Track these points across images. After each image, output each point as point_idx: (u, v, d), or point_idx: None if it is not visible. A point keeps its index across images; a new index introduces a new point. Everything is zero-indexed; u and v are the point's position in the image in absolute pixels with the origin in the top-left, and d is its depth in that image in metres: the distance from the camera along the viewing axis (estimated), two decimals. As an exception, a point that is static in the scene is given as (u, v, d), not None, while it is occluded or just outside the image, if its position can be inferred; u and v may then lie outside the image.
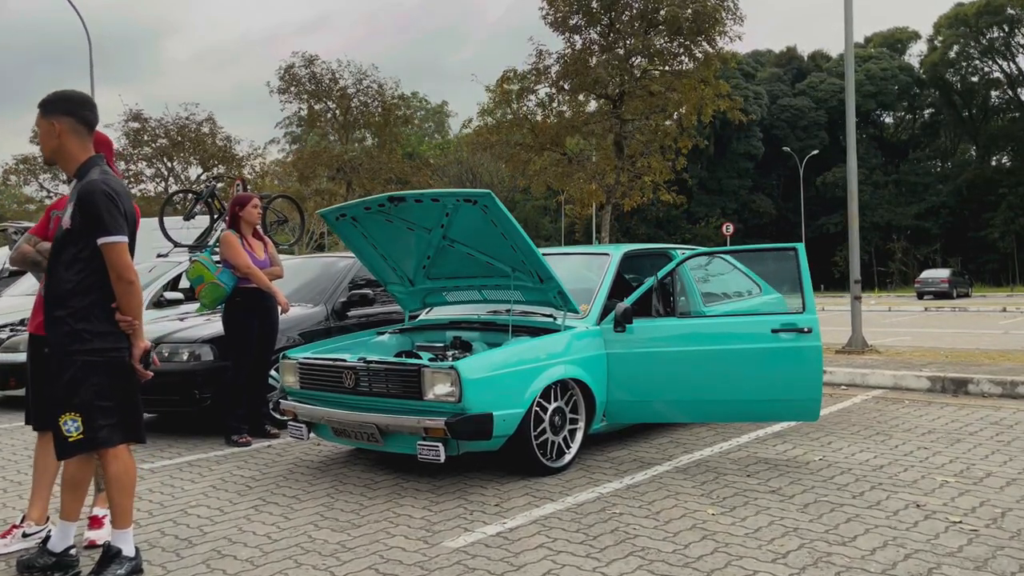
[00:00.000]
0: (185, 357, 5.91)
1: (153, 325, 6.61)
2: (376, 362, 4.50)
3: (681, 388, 4.82)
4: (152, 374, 3.20)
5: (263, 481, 4.65)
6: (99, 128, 3.31)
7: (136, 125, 25.27)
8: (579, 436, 4.76)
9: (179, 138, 25.27)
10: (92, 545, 3.51)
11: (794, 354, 4.72)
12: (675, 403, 4.88)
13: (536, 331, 4.87)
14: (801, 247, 4.93)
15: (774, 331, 4.76)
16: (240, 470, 4.93)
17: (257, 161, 27.54)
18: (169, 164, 25.11)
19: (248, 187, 9.89)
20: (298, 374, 4.89)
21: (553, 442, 4.61)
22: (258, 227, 6.00)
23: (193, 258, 5.81)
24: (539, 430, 4.52)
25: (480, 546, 3.44)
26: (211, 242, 8.41)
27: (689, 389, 4.82)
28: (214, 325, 6.03)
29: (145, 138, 25.39)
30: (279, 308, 5.75)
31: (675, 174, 17.58)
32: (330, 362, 4.70)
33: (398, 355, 4.93)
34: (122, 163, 25.47)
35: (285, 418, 5.02)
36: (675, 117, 17.12)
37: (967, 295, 37.20)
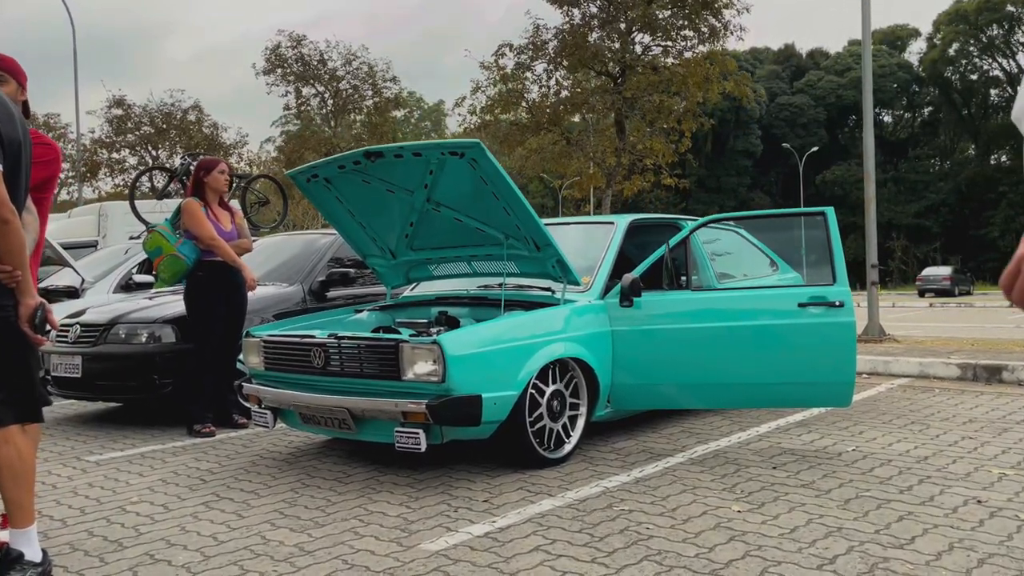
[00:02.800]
0: (144, 339, 5.33)
1: (112, 304, 6.05)
2: (348, 338, 3.93)
3: (695, 370, 4.26)
4: (47, 340, 2.62)
5: (220, 475, 4.08)
6: (81, 115, 2.72)
7: (119, 112, 24.58)
8: (581, 423, 4.20)
9: (163, 126, 24.56)
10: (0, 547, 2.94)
11: (824, 331, 4.17)
12: (688, 387, 4.32)
13: (532, 306, 4.31)
14: (831, 211, 4.38)
15: (801, 305, 4.21)
16: (197, 462, 4.36)
17: (245, 150, 26.83)
18: (153, 152, 24.42)
19: (242, 181, 9.32)
20: (262, 354, 4.32)
21: (551, 430, 4.05)
22: (236, 204, 5.43)
23: (151, 227, 5.23)
24: (535, 416, 3.96)
25: (464, 548, 2.88)
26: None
27: (704, 371, 4.26)
28: (177, 304, 5.45)
29: (128, 125, 24.67)
30: (247, 285, 5.18)
31: (678, 156, 16.94)
32: (297, 339, 4.14)
33: (375, 331, 4.36)
34: (104, 151, 24.80)
35: (250, 404, 4.45)
36: (680, 100, 16.36)
37: (969, 293, 36.76)
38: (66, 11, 21.15)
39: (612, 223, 4.96)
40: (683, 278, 4.84)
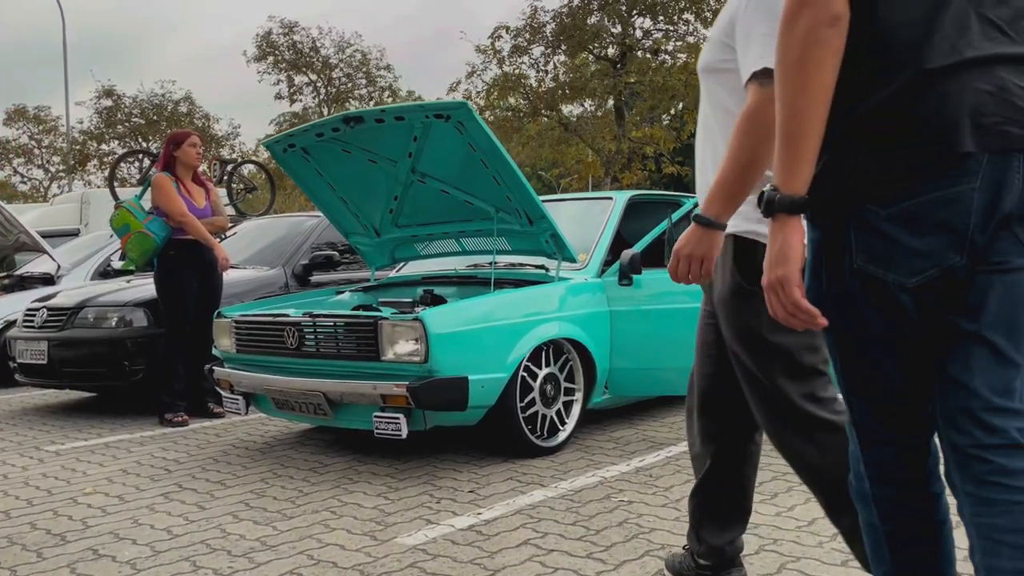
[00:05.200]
0: (113, 323, 5.03)
1: (83, 288, 5.75)
2: (324, 316, 3.63)
3: (700, 353, 3.95)
4: None
5: (187, 464, 3.77)
6: (71, 107, 2.41)
7: (108, 103, 24.18)
8: (576, 410, 3.90)
9: (154, 117, 24.15)
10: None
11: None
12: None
13: (524, 285, 4.01)
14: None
15: (814, 283, 3.90)
16: (164, 452, 4.05)
17: (238, 142, 26.39)
18: (145, 144, 24.03)
19: (227, 166, 9.02)
20: (234, 335, 4.02)
21: (544, 416, 3.74)
22: (212, 179, 5.12)
23: (118, 203, 4.92)
24: (527, 401, 3.66)
25: (445, 543, 2.58)
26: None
27: (709, 354, 3.95)
28: (151, 287, 5.14)
29: (118, 116, 24.23)
30: (219, 265, 4.85)
31: (680, 143, 16.55)
32: (270, 319, 3.83)
33: (355, 310, 4.06)
34: (94, 143, 24.37)
35: (221, 390, 4.15)
36: (683, 83, 15.90)
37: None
38: (57, 5, 20.90)
39: (611, 198, 4.66)
40: None
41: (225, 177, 8.45)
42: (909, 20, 1.22)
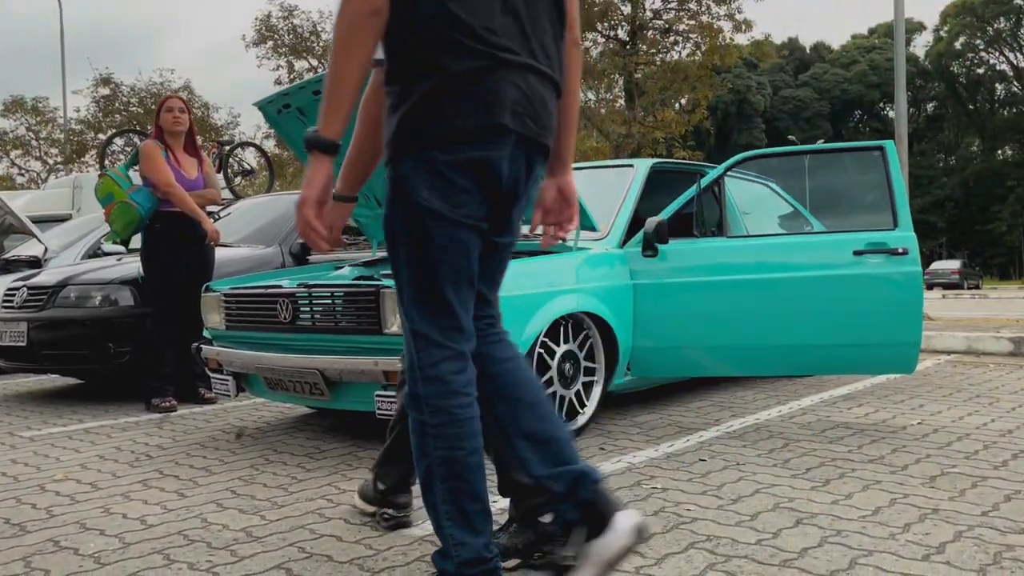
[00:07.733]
0: (97, 301, 4.70)
1: (66, 266, 5.42)
2: (321, 286, 3.30)
3: (732, 330, 3.62)
4: None
5: (171, 450, 3.44)
6: (68, 96, 2.10)
7: (106, 92, 23.82)
8: (597, 391, 3.57)
9: (152, 106, 23.80)
10: None
11: (885, 283, 3.53)
12: (724, 350, 3.67)
13: (540, 255, 3.67)
14: (890, 144, 3.74)
15: (857, 253, 3.57)
16: (148, 437, 3.72)
17: (237, 131, 25.98)
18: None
19: (225, 148, 8.73)
20: (223, 311, 3.68)
21: (563, 397, 3.41)
22: (203, 152, 4.78)
23: (103, 171, 4.59)
24: (544, 380, 3.33)
25: (457, 535, 2.24)
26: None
27: (742, 331, 3.61)
28: (137, 265, 4.81)
29: (116, 105, 23.89)
30: (208, 238, 4.52)
31: (692, 128, 16.16)
32: (262, 291, 3.50)
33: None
34: (91, 132, 24.04)
35: (210, 370, 3.81)
36: (695, 61, 15.47)
37: (977, 287, 36.12)
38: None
39: (632, 166, 4.32)
40: (718, 215, 4.18)
41: (222, 160, 8.13)
42: (489, 19, 1.52)
